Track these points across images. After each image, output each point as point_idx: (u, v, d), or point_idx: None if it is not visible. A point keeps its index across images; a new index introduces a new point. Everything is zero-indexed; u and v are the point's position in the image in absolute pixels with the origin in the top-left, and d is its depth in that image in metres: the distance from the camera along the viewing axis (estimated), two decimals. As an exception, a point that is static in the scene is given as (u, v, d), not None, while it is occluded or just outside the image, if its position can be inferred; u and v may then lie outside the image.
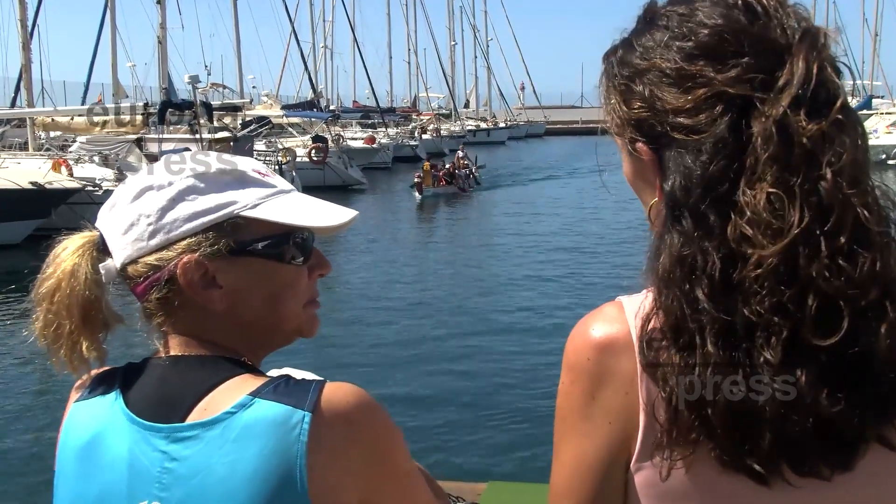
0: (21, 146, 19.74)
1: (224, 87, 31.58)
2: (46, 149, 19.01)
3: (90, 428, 0.87)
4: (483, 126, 60.85)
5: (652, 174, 0.80)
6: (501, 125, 65.15)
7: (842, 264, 0.69)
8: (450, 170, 23.95)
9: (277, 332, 0.92)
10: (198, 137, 18.95)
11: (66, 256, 0.89)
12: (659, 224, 0.78)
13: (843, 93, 0.74)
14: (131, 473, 0.83)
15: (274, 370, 0.96)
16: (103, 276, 0.89)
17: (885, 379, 0.71)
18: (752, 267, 0.69)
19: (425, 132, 43.76)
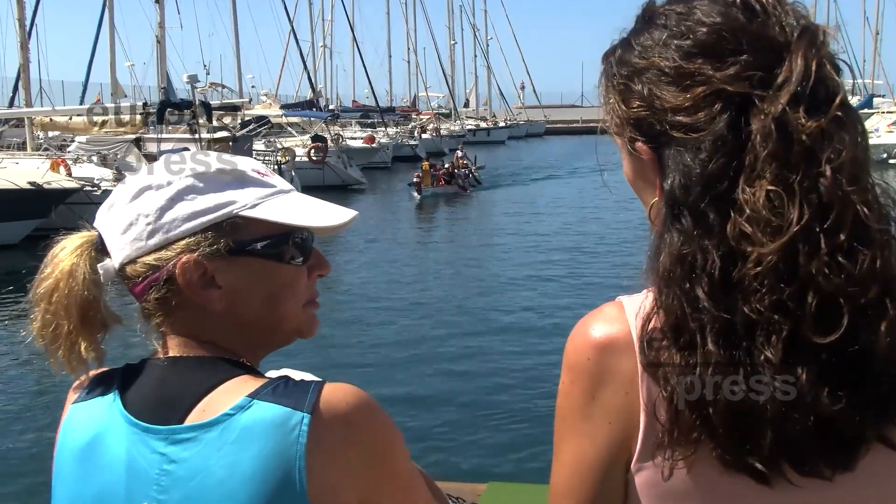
0: (19, 146, 19.75)
1: (223, 87, 31.54)
2: (45, 149, 19.01)
3: (88, 429, 0.87)
4: (483, 125, 60.83)
5: (652, 173, 0.80)
6: (501, 125, 65.03)
7: (841, 261, 0.69)
8: (449, 169, 23.93)
9: (277, 333, 0.91)
10: (196, 137, 18.94)
11: (65, 257, 0.88)
12: (659, 223, 0.77)
13: (843, 90, 0.73)
14: (129, 475, 0.83)
15: (272, 371, 0.96)
16: (102, 277, 0.89)
17: (886, 377, 0.70)
18: (752, 265, 0.69)
19: (425, 132, 43.75)
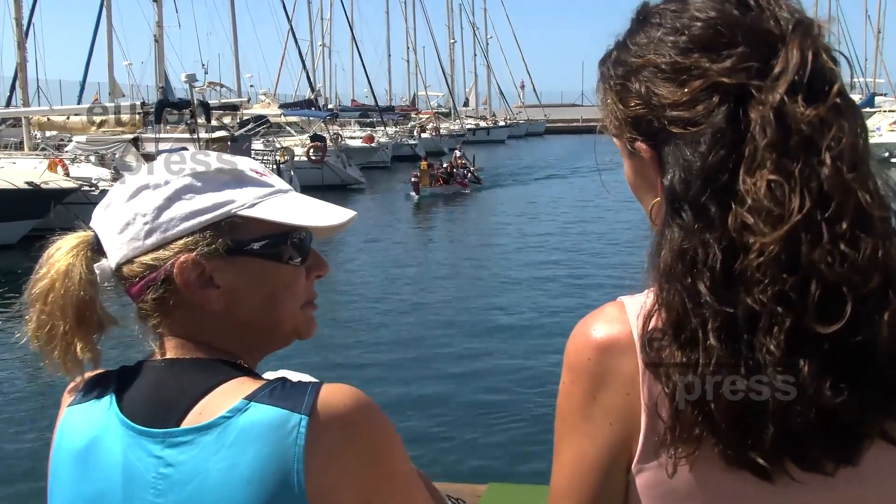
0: (17, 146, 19.70)
1: (221, 86, 31.45)
2: (42, 148, 18.96)
3: (84, 432, 0.86)
4: (483, 125, 60.89)
5: (653, 172, 0.79)
6: (501, 124, 65.08)
7: (844, 249, 0.69)
8: (447, 169, 23.85)
9: (275, 333, 0.91)
10: (195, 137, 18.89)
11: (60, 257, 0.87)
12: (660, 223, 0.77)
13: (840, 79, 0.74)
14: (126, 479, 0.82)
15: (270, 372, 0.96)
16: (98, 277, 0.88)
17: (888, 369, 0.70)
18: (754, 255, 0.69)
19: (424, 131, 43.78)
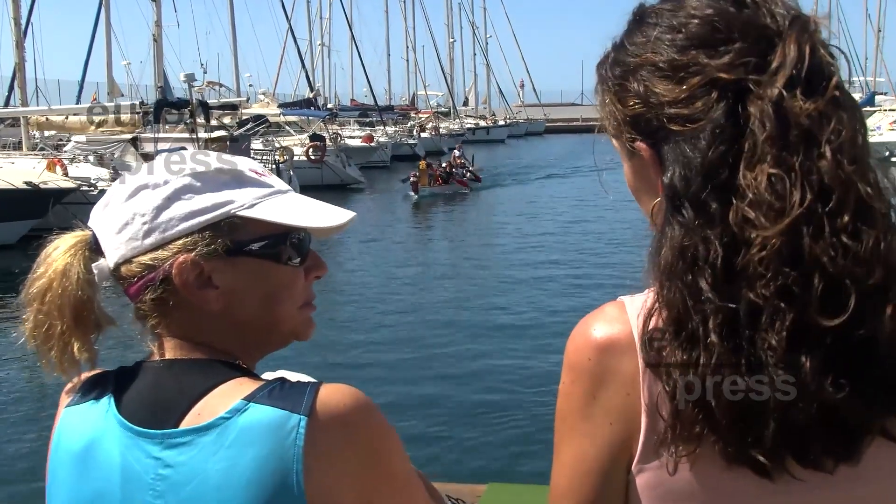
0: (15, 146, 19.68)
1: (220, 86, 31.37)
2: (41, 148, 18.96)
3: (82, 433, 0.85)
4: (482, 124, 60.91)
5: (653, 173, 0.79)
6: (501, 123, 65.06)
7: (846, 242, 0.69)
8: (446, 169, 23.80)
9: (273, 334, 0.90)
10: (194, 137, 18.86)
11: (58, 256, 0.87)
12: (660, 223, 0.77)
13: (838, 72, 0.74)
14: (124, 480, 0.82)
15: (268, 373, 0.95)
16: (96, 276, 0.87)
17: (890, 364, 0.70)
18: (756, 250, 0.69)
19: (424, 130, 43.79)
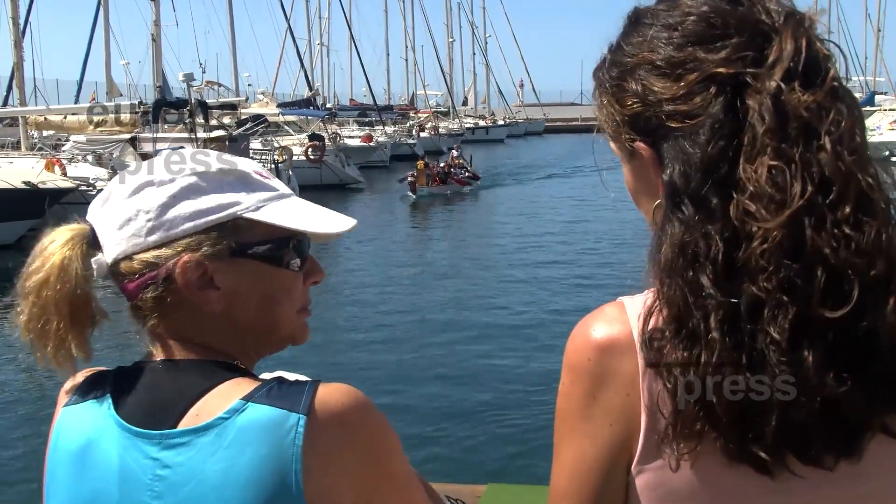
0: (14, 145, 19.67)
1: (219, 85, 31.37)
2: (39, 148, 18.96)
3: (80, 433, 0.85)
4: (482, 124, 60.92)
5: (653, 173, 0.79)
6: (500, 123, 65.10)
7: (848, 233, 0.69)
8: (444, 169, 23.75)
9: (271, 337, 0.90)
10: (193, 136, 18.84)
11: (56, 249, 0.85)
12: (660, 220, 0.76)
13: (835, 65, 0.74)
14: (122, 480, 0.81)
15: (266, 374, 0.95)
16: (95, 272, 0.86)
17: (892, 359, 0.70)
18: (758, 243, 0.69)
19: (423, 130, 43.82)
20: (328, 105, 44.80)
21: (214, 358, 0.85)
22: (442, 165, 24.23)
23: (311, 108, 31.85)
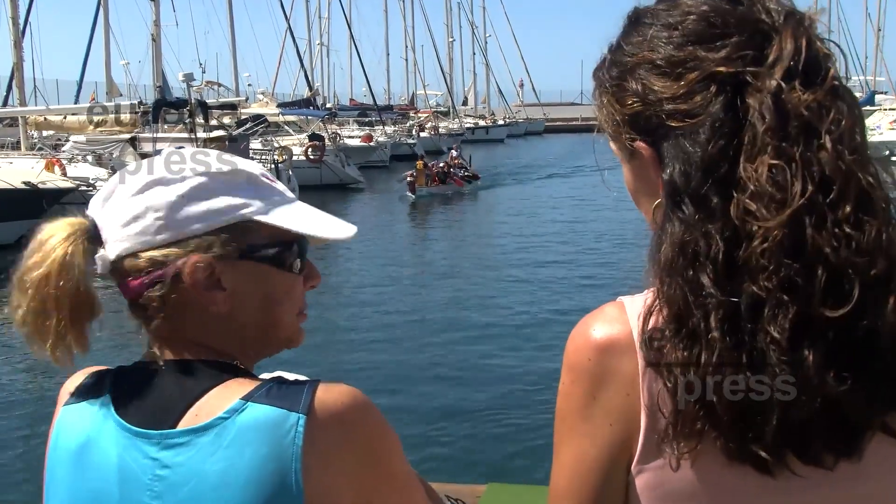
0: (13, 145, 19.67)
1: (219, 85, 31.39)
2: (39, 148, 18.96)
3: (80, 433, 0.85)
4: (482, 124, 60.92)
5: (653, 173, 0.79)
6: (500, 123, 65.08)
7: (849, 232, 0.69)
8: (443, 169, 23.72)
9: (270, 338, 0.90)
10: (193, 137, 18.84)
11: (56, 244, 0.84)
12: (661, 220, 0.76)
13: (835, 65, 0.74)
14: (122, 480, 0.81)
15: (266, 374, 0.95)
16: (98, 268, 0.86)
17: (892, 358, 0.70)
18: (758, 242, 0.69)
19: (423, 130, 43.81)
20: (328, 105, 44.79)
21: (214, 358, 0.85)
22: (441, 165, 24.20)
23: (311, 108, 31.84)
